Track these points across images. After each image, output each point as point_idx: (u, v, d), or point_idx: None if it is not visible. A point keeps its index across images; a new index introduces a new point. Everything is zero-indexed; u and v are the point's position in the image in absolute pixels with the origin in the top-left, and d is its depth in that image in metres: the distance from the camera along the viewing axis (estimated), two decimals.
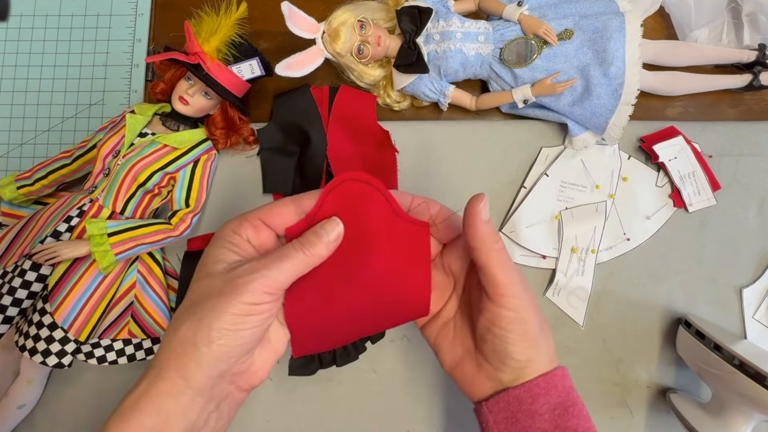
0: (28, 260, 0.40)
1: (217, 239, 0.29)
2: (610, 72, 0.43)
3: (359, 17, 0.43)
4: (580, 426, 0.29)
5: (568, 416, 0.29)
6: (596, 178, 0.48)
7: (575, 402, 0.30)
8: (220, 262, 0.28)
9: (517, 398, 0.29)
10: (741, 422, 0.39)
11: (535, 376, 0.30)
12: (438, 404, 0.46)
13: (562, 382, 0.30)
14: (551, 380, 0.30)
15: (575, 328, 0.47)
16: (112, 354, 0.44)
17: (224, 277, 0.27)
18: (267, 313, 0.27)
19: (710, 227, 0.48)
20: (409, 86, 0.46)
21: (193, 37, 0.41)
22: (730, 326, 0.47)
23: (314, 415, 0.46)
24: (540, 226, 0.48)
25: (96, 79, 0.51)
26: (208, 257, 0.29)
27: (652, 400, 0.47)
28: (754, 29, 0.48)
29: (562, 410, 0.29)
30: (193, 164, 0.45)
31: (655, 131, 0.49)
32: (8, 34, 0.52)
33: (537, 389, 0.29)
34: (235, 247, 0.29)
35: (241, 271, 0.27)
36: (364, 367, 0.47)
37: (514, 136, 0.49)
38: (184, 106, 0.43)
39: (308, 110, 0.47)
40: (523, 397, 0.29)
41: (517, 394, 0.30)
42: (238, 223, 0.30)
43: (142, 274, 0.44)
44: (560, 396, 0.29)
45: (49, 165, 0.46)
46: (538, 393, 0.29)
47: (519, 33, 0.44)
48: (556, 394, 0.29)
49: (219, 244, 0.29)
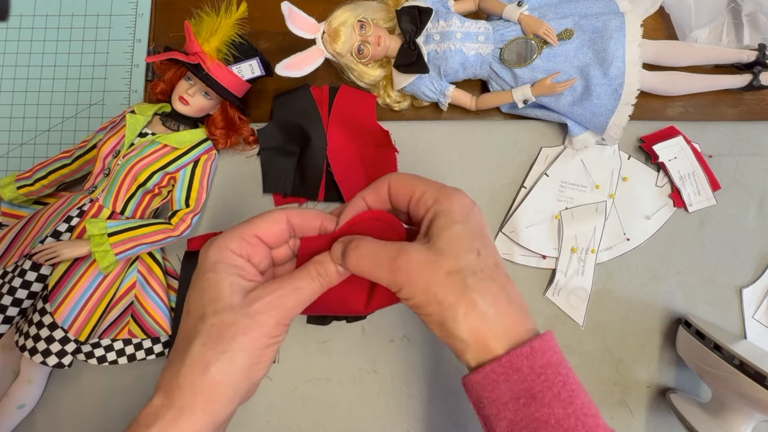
0: (28, 260, 0.40)
1: (219, 263, 0.28)
2: (610, 72, 0.43)
3: (359, 17, 0.43)
4: (553, 415, 0.25)
5: (536, 404, 0.25)
6: (596, 178, 0.48)
7: (549, 385, 0.25)
8: (236, 293, 0.27)
9: (479, 384, 0.26)
10: (741, 422, 0.39)
11: (486, 361, 0.26)
12: (438, 404, 0.46)
13: (529, 362, 0.25)
14: (510, 363, 0.25)
15: (575, 328, 0.47)
16: (112, 354, 0.44)
17: (246, 312, 0.27)
18: (283, 339, 0.28)
19: (710, 227, 0.48)
20: (409, 86, 0.46)
21: (193, 37, 0.41)
22: (730, 326, 0.47)
23: (314, 415, 0.46)
24: (540, 226, 0.48)
25: (96, 79, 0.51)
26: (219, 285, 0.27)
27: (652, 400, 0.47)
28: (754, 29, 0.48)
29: (528, 398, 0.25)
30: (193, 164, 0.45)
31: (655, 131, 0.49)
32: (8, 34, 0.52)
33: (493, 375, 0.26)
34: (242, 271, 0.28)
35: (264, 305, 0.27)
36: (364, 367, 0.47)
37: (514, 136, 0.49)
38: (184, 106, 0.43)
39: (308, 110, 0.47)
40: (483, 383, 0.26)
41: (477, 380, 0.26)
42: (238, 243, 0.29)
43: (142, 274, 0.44)
44: (525, 381, 0.25)
45: (49, 165, 0.46)
46: (496, 380, 0.26)
47: (519, 33, 0.44)
48: (520, 379, 0.25)
49: (225, 270, 0.28)
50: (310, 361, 0.47)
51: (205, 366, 0.26)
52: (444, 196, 0.29)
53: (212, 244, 0.29)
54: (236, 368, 0.26)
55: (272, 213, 0.30)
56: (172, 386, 0.26)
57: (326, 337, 0.47)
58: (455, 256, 0.27)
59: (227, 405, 0.26)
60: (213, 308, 0.27)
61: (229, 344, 0.26)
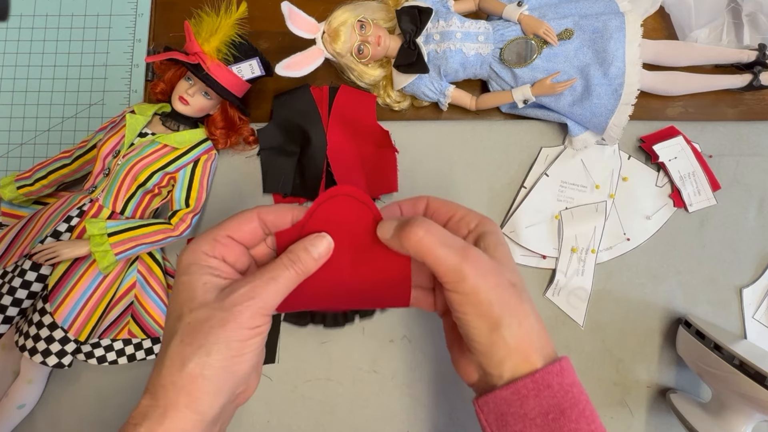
0: (28, 260, 0.40)
1: (192, 265, 0.28)
2: (610, 72, 0.43)
3: (359, 17, 0.43)
4: (580, 430, 0.26)
5: (565, 419, 0.26)
6: (596, 178, 0.48)
7: (575, 402, 0.27)
8: (210, 291, 0.28)
9: (505, 400, 0.27)
10: (741, 422, 0.39)
11: (522, 374, 0.27)
12: (438, 404, 0.46)
13: (559, 379, 0.27)
14: (543, 379, 0.27)
15: (575, 328, 0.47)
16: (112, 354, 0.44)
17: (220, 306, 0.27)
18: (266, 331, 0.28)
19: (710, 227, 0.48)
20: (409, 86, 0.46)
21: (193, 37, 0.41)
22: (730, 326, 0.47)
23: (314, 415, 0.46)
24: (540, 226, 0.48)
25: (96, 79, 0.51)
26: (193, 285, 0.28)
27: (652, 400, 0.47)
28: (754, 29, 0.48)
29: (557, 413, 0.26)
30: (193, 164, 0.45)
31: (655, 131, 0.49)
32: (8, 34, 0.52)
33: (525, 390, 0.27)
34: (215, 270, 0.29)
35: (238, 297, 0.27)
36: (364, 367, 0.47)
37: (514, 136, 0.49)
38: (184, 106, 0.43)
39: (308, 110, 0.47)
40: (510, 399, 0.27)
41: (505, 396, 0.27)
42: (211, 245, 0.29)
43: (142, 274, 0.44)
44: (555, 397, 0.27)
45: (49, 165, 0.46)
46: (527, 395, 0.27)
47: (519, 33, 0.44)
48: (551, 395, 0.27)
49: (199, 270, 0.28)
50: (310, 361, 0.47)
51: (182, 362, 0.26)
52: (486, 220, 0.32)
53: (186, 249, 0.29)
54: (214, 361, 0.26)
55: (243, 212, 0.30)
56: (157, 386, 0.27)
57: (326, 337, 0.47)
58: (512, 270, 0.29)
59: (211, 400, 0.26)
60: (189, 307, 0.27)
61: (206, 338, 0.26)
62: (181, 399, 0.26)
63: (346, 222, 0.30)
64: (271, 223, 0.30)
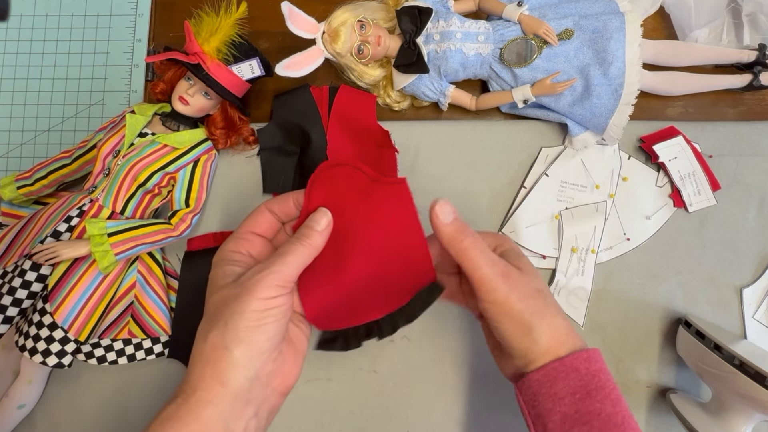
0: (28, 260, 0.40)
1: (218, 261, 0.32)
2: (610, 72, 0.43)
3: (359, 17, 0.43)
4: (604, 410, 0.29)
5: (590, 400, 0.29)
6: (596, 178, 0.48)
7: (602, 385, 0.30)
8: (228, 276, 0.30)
9: (538, 381, 0.30)
10: (741, 422, 0.39)
11: (551, 360, 0.30)
12: (438, 404, 0.46)
13: (586, 365, 0.30)
14: (572, 363, 0.30)
15: (575, 328, 0.47)
16: (112, 354, 0.44)
17: (235, 284, 0.29)
18: (283, 305, 0.29)
19: (710, 227, 0.48)
20: (409, 86, 0.46)
21: (193, 37, 0.41)
22: (730, 326, 0.47)
23: (314, 415, 0.46)
24: (540, 226, 0.48)
25: (96, 79, 0.51)
26: (215, 277, 0.31)
27: (652, 400, 0.47)
28: (754, 29, 0.48)
29: (584, 393, 0.29)
30: (193, 164, 0.45)
31: (655, 131, 0.49)
32: (8, 34, 0.52)
33: (554, 372, 0.30)
34: (237, 262, 0.31)
35: (251, 273, 0.29)
36: (364, 367, 0.47)
37: (514, 136, 0.49)
38: (184, 106, 0.43)
39: (308, 110, 0.47)
40: (542, 380, 0.30)
41: (537, 377, 0.30)
42: (234, 243, 0.32)
43: (142, 274, 0.44)
44: (583, 379, 0.30)
45: (49, 165, 0.46)
46: (556, 376, 0.30)
47: (519, 33, 0.44)
48: (578, 377, 0.30)
49: (222, 264, 0.31)
50: (310, 361, 0.47)
51: (205, 336, 0.28)
52: (503, 238, 0.37)
53: (217, 252, 0.33)
54: (231, 330, 0.27)
55: (254, 210, 0.34)
56: (190, 366, 0.29)
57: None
58: (535, 276, 0.33)
59: (234, 372, 0.27)
60: (209, 293, 0.31)
61: (222, 312, 0.28)
62: (207, 371, 0.28)
63: (345, 191, 0.32)
64: (278, 210, 0.34)
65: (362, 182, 0.32)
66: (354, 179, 0.32)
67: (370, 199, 0.32)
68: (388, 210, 0.32)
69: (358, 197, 0.32)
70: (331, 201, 0.32)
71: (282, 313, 0.29)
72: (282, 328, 0.30)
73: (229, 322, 0.27)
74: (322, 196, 0.32)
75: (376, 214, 0.32)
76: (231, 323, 0.27)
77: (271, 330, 0.28)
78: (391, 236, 0.33)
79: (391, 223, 0.32)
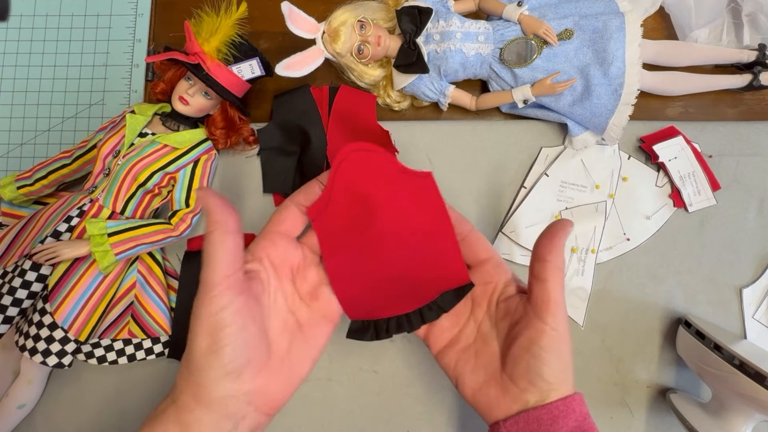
0: (28, 260, 0.40)
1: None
2: (610, 72, 0.43)
3: (359, 17, 0.43)
4: None
5: None
6: (596, 178, 0.48)
7: (591, 428, 0.30)
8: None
9: (537, 419, 0.30)
10: (741, 422, 0.39)
11: (555, 399, 0.30)
12: (438, 404, 0.46)
13: (580, 407, 0.30)
14: (570, 404, 0.30)
15: (575, 328, 0.47)
16: (112, 354, 0.44)
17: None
18: (231, 325, 0.27)
19: (710, 227, 0.48)
20: (409, 86, 0.46)
21: (193, 37, 0.41)
22: (730, 326, 0.47)
23: (314, 415, 0.46)
24: (540, 226, 0.48)
25: (96, 79, 0.51)
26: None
27: (652, 400, 0.47)
28: (754, 29, 0.48)
29: None
30: (193, 164, 0.45)
31: (655, 131, 0.49)
32: (8, 34, 0.52)
33: (557, 411, 0.29)
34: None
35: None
36: (364, 367, 0.47)
37: (514, 136, 0.49)
38: (184, 106, 0.43)
39: (308, 110, 0.47)
40: (543, 419, 0.29)
41: (538, 415, 0.30)
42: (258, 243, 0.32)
43: (142, 274, 0.44)
44: (577, 420, 0.30)
45: (49, 165, 0.46)
46: (558, 415, 0.29)
47: (519, 33, 0.44)
48: (574, 418, 0.30)
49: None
50: None
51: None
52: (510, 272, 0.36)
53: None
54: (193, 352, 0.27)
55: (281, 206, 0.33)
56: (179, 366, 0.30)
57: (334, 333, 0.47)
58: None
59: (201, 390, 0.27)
60: None
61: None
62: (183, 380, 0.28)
63: (372, 177, 0.31)
64: (305, 200, 0.32)
65: (390, 172, 0.31)
66: (382, 168, 0.31)
67: (398, 191, 0.31)
68: (417, 204, 0.31)
69: (385, 186, 0.31)
70: (357, 186, 0.31)
71: (232, 315, 0.27)
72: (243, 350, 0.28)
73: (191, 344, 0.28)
74: (347, 179, 0.31)
75: (405, 206, 0.31)
76: (190, 345, 0.28)
77: (228, 355, 0.27)
78: (421, 231, 0.32)
79: (420, 218, 0.32)
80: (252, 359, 0.28)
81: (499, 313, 0.33)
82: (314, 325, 0.33)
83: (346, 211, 0.31)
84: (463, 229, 0.34)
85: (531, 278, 0.31)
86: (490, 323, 0.34)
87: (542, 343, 0.30)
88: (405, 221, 0.31)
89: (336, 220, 0.32)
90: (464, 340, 0.34)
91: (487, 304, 0.34)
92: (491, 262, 0.34)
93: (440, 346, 0.35)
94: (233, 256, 0.27)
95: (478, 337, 0.34)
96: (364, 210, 0.31)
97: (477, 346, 0.33)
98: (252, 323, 0.28)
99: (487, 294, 0.34)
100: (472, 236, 0.34)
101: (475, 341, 0.34)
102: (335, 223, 0.32)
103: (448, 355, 0.34)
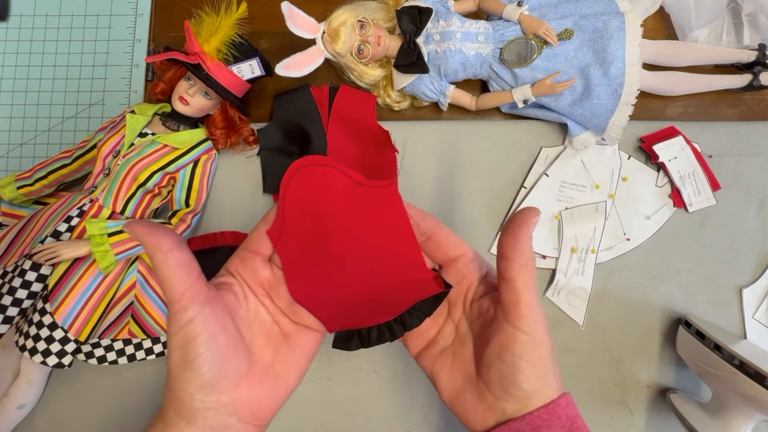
0: (28, 260, 0.40)
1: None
2: (610, 72, 0.43)
3: (359, 17, 0.43)
4: None
5: None
6: (596, 178, 0.48)
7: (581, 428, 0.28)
8: None
9: (518, 431, 0.28)
10: (741, 422, 0.39)
11: (537, 407, 0.28)
12: (438, 404, 0.46)
13: (566, 411, 0.28)
14: (554, 410, 0.28)
15: (575, 328, 0.47)
16: (112, 354, 0.44)
17: None
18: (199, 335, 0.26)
19: (710, 227, 0.48)
20: (409, 86, 0.46)
21: (193, 37, 0.41)
22: (730, 326, 0.47)
23: (314, 415, 0.46)
24: (540, 226, 0.48)
25: (96, 79, 0.51)
26: None
27: (652, 400, 0.47)
28: (754, 29, 0.48)
29: None
30: (193, 164, 0.45)
31: (655, 131, 0.49)
32: (8, 34, 0.52)
33: (539, 421, 0.28)
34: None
35: None
36: (364, 367, 0.47)
37: (514, 136, 0.49)
38: (184, 106, 0.43)
39: (308, 110, 0.47)
40: (524, 430, 0.28)
41: (518, 427, 0.28)
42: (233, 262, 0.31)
43: (143, 274, 0.44)
44: (564, 427, 0.28)
45: (49, 165, 0.46)
46: (540, 425, 0.27)
47: (519, 33, 0.44)
48: (560, 426, 0.28)
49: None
50: None
51: None
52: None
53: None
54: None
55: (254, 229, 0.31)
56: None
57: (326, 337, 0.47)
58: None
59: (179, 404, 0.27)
60: None
61: None
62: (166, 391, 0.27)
63: (326, 193, 0.29)
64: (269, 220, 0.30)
65: (344, 186, 0.29)
66: (335, 182, 0.29)
67: (355, 204, 0.30)
68: (376, 215, 0.30)
69: (342, 201, 0.29)
70: (309, 204, 0.29)
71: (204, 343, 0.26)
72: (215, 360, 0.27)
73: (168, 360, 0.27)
74: (297, 197, 0.29)
75: (363, 219, 0.30)
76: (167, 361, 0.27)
77: (200, 366, 0.26)
78: (382, 245, 0.30)
79: (381, 231, 0.30)
80: (227, 370, 0.27)
81: (473, 313, 0.31)
82: (300, 335, 0.32)
83: (303, 231, 0.30)
84: (427, 227, 0.32)
85: (498, 278, 0.29)
86: (467, 324, 0.32)
87: (514, 350, 0.28)
88: (363, 238, 0.30)
89: (294, 242, 0.30)
90: (442, 342, 0.33)
91: (462, 304, 0.32)
92: (463, 260, 0.32)
93: (418, 348, 0.33)
94: (181, 270, 0.26)
95: (456, 339, 0.32)
96: (320, 230, 0.29)
97: (455, 348, 0.32)
98: (222, 333, 0.27)
99: (462, 293, 0.32)
100: (438, 234, 0.32)
101: (453, 343, 0.32)
102: (294, 245, 0.30)
103: (425, 357, 0.33)
